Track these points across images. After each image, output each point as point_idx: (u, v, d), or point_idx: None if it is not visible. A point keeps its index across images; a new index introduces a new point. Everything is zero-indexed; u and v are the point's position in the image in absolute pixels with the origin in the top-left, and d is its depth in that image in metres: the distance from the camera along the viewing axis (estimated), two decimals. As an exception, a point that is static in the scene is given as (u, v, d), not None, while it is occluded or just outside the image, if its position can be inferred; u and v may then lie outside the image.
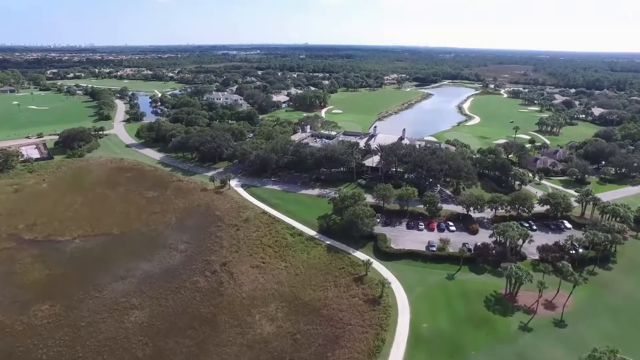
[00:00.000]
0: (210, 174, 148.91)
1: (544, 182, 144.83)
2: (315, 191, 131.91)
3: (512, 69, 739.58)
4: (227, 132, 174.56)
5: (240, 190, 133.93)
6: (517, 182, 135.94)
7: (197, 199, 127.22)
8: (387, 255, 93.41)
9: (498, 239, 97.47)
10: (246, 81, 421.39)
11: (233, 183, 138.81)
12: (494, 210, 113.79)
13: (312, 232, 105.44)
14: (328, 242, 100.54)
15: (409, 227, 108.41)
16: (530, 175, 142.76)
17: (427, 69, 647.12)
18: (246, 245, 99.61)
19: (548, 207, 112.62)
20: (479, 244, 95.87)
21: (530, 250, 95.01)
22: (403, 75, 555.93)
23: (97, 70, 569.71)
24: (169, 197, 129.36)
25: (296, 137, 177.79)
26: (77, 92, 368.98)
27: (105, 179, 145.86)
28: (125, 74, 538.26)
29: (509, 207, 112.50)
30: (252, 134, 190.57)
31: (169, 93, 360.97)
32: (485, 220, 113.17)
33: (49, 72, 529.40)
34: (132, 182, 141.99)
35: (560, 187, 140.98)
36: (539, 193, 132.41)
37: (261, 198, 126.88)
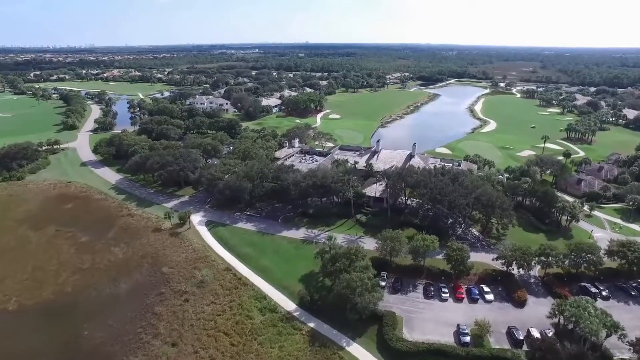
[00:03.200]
0: (171, 204, 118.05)
1: (595, 212, 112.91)
2: (300, 232, 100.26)
3: (519, 66, 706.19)
4: (199, 147, 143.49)
5: (203, 231, 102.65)
6: (564, 217, 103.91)
7: (144, 246, 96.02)
8: (399, 355, 61.94)
9: (562, 322, 66.15)
10: (237, 82, 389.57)
11: (196, 219, 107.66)
12: (544, 267, 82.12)
13: (290, 306, 74.10)
14: (312, 325, 69.16)
15: (427, 294, 76.77)
16: (578, 204, 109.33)
17: (431, 67, 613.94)
18: (192, 331, 68.40)
19: (623, 262, 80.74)
20: (535, 334, 64.26)
21: (613, 340, 63.43)
22: (406, 74, 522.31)
23: (83, 72, 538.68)
24: (108, 242, 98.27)
25: (282, 154, 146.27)
26: (53, 95, 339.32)
27: (37, 212, 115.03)
28: (112, 76, 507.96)
29: (566, 262, 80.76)
30: (231, 147, 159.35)
31: (152, 96, 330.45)
32: (532, 281, 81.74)
33: (31, 74, 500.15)
34: (69, 218, 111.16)
35: (618, 220, 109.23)
36: (596, 232, 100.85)
37: (228, 244, 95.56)
